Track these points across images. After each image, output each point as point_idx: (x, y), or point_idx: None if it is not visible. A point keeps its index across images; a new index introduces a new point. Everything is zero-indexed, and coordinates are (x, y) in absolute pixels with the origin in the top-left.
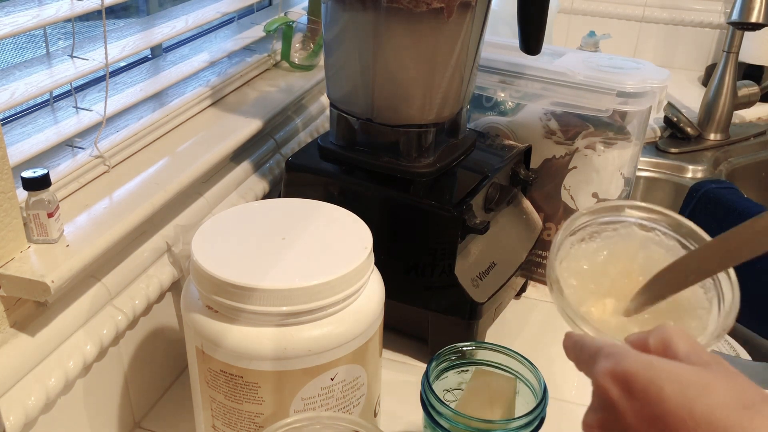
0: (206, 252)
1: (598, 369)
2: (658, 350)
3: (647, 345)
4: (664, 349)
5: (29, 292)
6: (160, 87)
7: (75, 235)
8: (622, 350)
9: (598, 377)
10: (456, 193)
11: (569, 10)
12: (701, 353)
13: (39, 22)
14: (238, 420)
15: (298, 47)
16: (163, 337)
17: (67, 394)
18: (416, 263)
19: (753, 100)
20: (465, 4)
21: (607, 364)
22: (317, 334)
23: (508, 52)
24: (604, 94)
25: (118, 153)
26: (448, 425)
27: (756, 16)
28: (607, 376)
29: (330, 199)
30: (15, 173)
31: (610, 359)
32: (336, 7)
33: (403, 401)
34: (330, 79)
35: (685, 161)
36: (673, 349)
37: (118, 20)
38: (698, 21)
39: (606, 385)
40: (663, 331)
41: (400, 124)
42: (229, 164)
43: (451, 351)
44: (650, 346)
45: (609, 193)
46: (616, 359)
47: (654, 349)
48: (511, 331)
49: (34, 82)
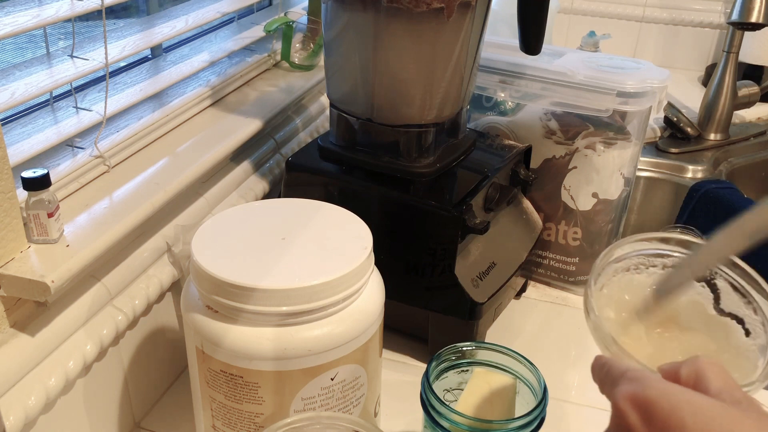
0: (206, 252)
1: (618, 392)
2: (689, 382)
3: (678, 375)
4: (695, 382)
5: (29, 292)
6: (160, 87)
7: (75, 235)
8: (648, 376)
9: (618, 400)
10: (456, 193)
11: (569, 10)
12: (734, 390)
13: (39, 22)
14: (238, 420)
15: (298, 47)
16: (163, 337)
17: (67, 394)
18: (416, 263)
19: (753, 100)
20: (465, 4)
21: (629, 388)
22: (317, 334)
23: (508, 52)
24: (604, 94)
25: (118, 153)
26: (448, 425)
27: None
28: (627, 400)
29: (330, 199)
30: (15, 173)
31: (633, 384)
32: (336, 7)
33: (403, 401)
34: (330, 79)
35: (685, 161)
36: (704, 382)
37: (118, 20)
38: (698, 21)
39: (625, 409)
40: (696, 363)
41: (400, 124)
42: (229, 164)
43: (451, 351)
44: (681, 376)
45: (609, 193)
46: (639, 384)
47: (685, 380)
48: (511, 331)
49: (34, 82)
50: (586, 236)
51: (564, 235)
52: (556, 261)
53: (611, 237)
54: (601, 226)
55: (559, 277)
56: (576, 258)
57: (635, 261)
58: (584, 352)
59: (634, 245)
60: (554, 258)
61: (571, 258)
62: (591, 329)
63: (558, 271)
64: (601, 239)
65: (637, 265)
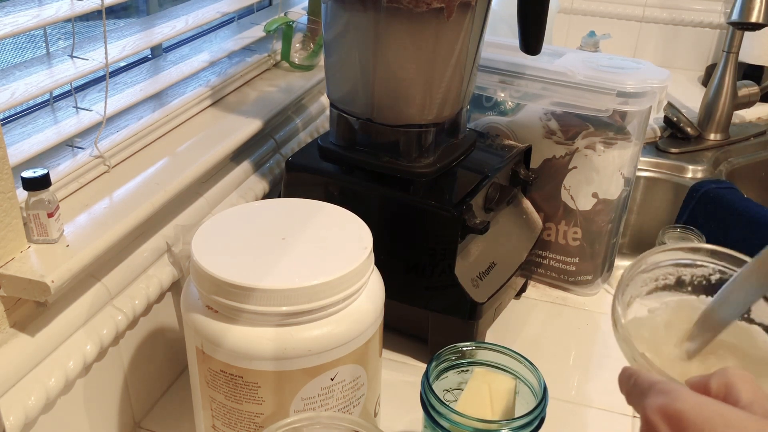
0: (206, 252)
1: (649, 403)
2: (719, 394)
3: (708, 388)
4: (726, 394)
5: (29, 292)
6: (160, 87)
7: (75, 235)
8: (678, 388)
9: (648, 412)
10: (456, 193)
11: (569, 10)
12: (765, 402)
13: (39, 22)
14: (238, 420)
15: (298, 47)
16: (163, 337)
17: (67, 394)
18: (416, 263)
19: (753, 100)
20: (465, 4)
21: (660, 401)
22: (317, 334)
23: (508, 52)
24: (604, 94)
25: (118, 153)
26: (448, 425)
27: (756, 16)
28: (657, 412)
29: (330, 199)
30: (15, 173)
31: (663, 396)
32: (336, 7)
33: (403, 401)
34: (330, 79)
35: (685, 161)
36: (734, 394)
37: (118, 20)
38: (698, 21)
39: (656, 421)
40: (726, 375)
41: (400, 124)
42: (229, 164)
43: (451, 351)
44: (711, 389)
45: (609, 193)
46: (670, 396)
47: (715, 392)
48: (511, 331)
49: (34, 82)
50: (586, 236)
51: (564, 235)
52: (556, 261)
53: (611, 237)
54: (601, 226)
55: (559, 277)
56: (576, 258)
57: (664, 271)
58: (584, 352)
59: (664, 255)
60: (554, 258)
61: (571, 258)
62: (618, 341)
63: (558, 271)
64: (601, 239)
65: (665, 275)
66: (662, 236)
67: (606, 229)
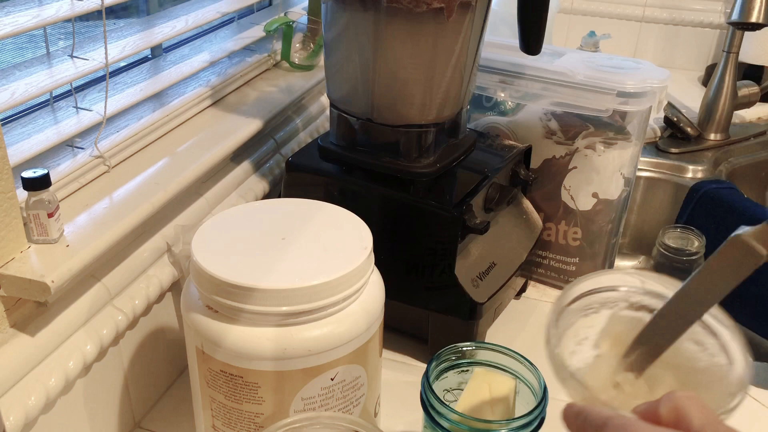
0: (206, 252)
1: None
2: (670, 421)
3: (659, 416)
4: (677, 420)
5: (29, 292)
6: (160, 87)
7: (75, 235)
8: (632, 422)
9: None
10: (456, 193)
11: (569, 10)
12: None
13: (39, 22)
14: (238, 420)
15: (298, 47)
16: (163, 337)
17: (67, 394)
18: (416, 263)
19: (753, 100)
20: (465, 4)
21: None
22: (317, 334)
23: (508, 52)
24: (604, 94)
25: (118, 153)
26: (448, 425)
27: (756, 16)
28: None
29: (330, 199)
30: (15, 173)
31: None
32: (336, 7)
33: (403, 401)
34: (330, 79)
35: (685, 161)
36: (686, 420)
37: (118, 20)
38: (698, 21)
39: None
40: (674, 400)
41: (400, 124)
42: (229, 164)
43: (451, 351)
44: (662, 416)
45: (609, 193)
46: None
47: (665, 420)
48: (511, 331)
49: (34, 82)
50: (586, 236)
51: (564, 235)
52: (556, 261)
53: (611, 237)
54: (601, 226)
55: (559, 277)
56: (576, 258)
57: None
58: None
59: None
60: (554, 258)
61: (571, 258)
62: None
63: (558, 271)
64: (601, 239)
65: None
66: (662, 236)
67: (606, 229)
